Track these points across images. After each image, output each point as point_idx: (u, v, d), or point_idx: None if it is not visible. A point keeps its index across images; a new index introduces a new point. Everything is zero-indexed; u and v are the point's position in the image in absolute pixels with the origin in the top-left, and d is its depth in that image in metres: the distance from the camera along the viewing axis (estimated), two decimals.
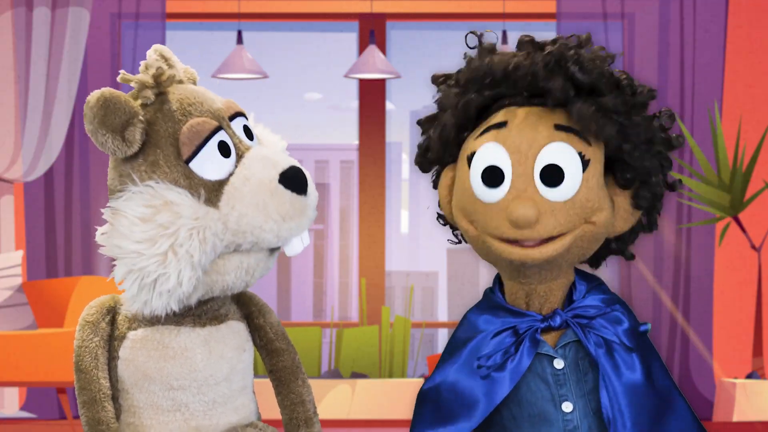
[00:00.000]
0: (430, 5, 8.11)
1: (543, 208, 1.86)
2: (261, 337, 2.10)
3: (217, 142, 1.95)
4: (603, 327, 1.92)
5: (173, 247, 1.88)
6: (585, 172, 1.87)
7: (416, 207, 14.77)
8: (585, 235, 1.89)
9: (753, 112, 7.53)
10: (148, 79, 1.97)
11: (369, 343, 7.33)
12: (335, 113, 14.40)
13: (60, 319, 6.19)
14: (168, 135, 1.94)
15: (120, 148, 1.93)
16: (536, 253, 1.87)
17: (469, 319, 1.99)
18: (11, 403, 7.37)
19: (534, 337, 1.91)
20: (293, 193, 1.93)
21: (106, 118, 1.90)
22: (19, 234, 7.51)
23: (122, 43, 7.55)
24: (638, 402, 1.89)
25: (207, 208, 1.92)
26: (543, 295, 1.94)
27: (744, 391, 6.62)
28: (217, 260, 1.93)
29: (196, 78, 2.09)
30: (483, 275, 14.99)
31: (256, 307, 2.10)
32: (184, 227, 1.89)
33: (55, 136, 7.30)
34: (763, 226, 7.20)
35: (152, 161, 1.94)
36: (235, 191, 1.93)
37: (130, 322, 2.00)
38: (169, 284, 1.89)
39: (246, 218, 1.92)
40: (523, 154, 1.87)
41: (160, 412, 1.99)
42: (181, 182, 1.93)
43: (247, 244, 1.93)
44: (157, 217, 1.89)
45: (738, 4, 7.58)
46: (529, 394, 1.91)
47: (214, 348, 2.00)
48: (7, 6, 7.32)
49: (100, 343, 1.99)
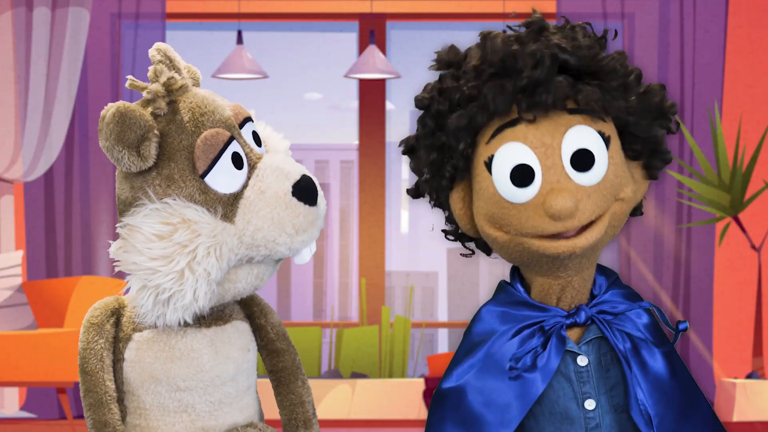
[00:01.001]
0: (430, 5, 8.11)
1: (579, 195, 1.82)
2: (262, 337, 2.09)
3: (231, 153, 1.93)
4: (627, 322, 1.90)
5: (190, 265, 1.87)
6: (609, 150, 1.85)
7: (416, 207, 14.78)
8: (617, 213, 1.87)
9: (753, 112, 7.53)
10: (159, 88, 1.93)
11: (369, 343, 7.33)
12: (335, 113, 14.39)
13: (60, 319, 6.19)
14: (182, 148, 1.92)
15: (135, 164, 1.90)
16: (582, 241, 1.83)
17: (484, 314, 1.94)
18: (11, 403, 7.37)
19: (560, 334, 1.87)
20: (305, 205, 1.93)
21: (123, 134, 1.87)
22: (19, 234, 7.51)
23: (122, 43, 7.55)
24: (665, 397, 1.88)
25: (224, 224, 1.90)
26: (577, 287, 1.90)
27: (744, 391, 6.62)
28: (231, 270, 1.93)
29: (199, 77, 2.07)
30: (483, 275, 14.99)
31: (258, 307, 2.10)
32: (202, 245, 1.87)
33: (55, 136, 7.30)
34: (763, 226, 7.20)
35: (167, 175, 1.92)
36: (251, 205, 1.92)
37: (135, 323, 1.99)
38: (185, 300, 1.88)
39: (261, 232, 1.91)
40: (548, 146, 1.83)
41: (166, 413, 1.98)
42: (196, 197, 1.91)
43: (259, 257, 1.93)
44: (175, 235, 1.87)
45: (738, 4, 7.58)
46: (552, 393, 1.88)
47: (221, 348, 1.99)
48: (7, 6, 7.32)
49: (105, 345, 1.98)
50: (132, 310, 2.01)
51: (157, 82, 1.94)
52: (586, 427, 1.88)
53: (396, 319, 7.43)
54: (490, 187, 1.87)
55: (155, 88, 1.93)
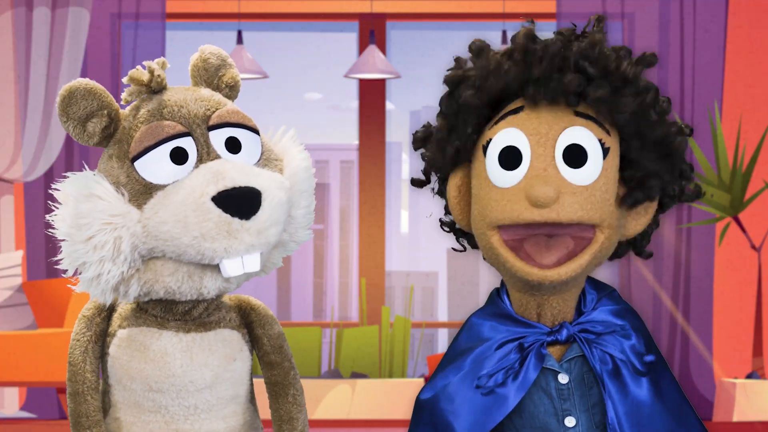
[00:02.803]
0: (430, 5, 8.11)
1: (564, 188, 1.78)
2: (258, 348, 2.08)
3: (172, 147, 1.92)
4: (610, 343, 1.86)
5: (91, 239, 1.90)
6: (605, 160, 1.80)
7: (416, 207, 14.77)
8: (602, 249, 1.82)
9: (753, 112, 7.53)
10: (141, 76, 1.97)
11: (369, 343, 7.33)
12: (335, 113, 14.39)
13: (60, 319, 6.19)
14: (132, 133, 1.95)
15: (80, 138, 1.98)
16: (554, 275, 1.79)
17: (473, 324, 1.92)
18: (11, 403, 7.37)
19: (539, 351, 1.85)
20: (225, 214, 1.87)
21: (68, 107, 1.94)
22: (19, 234, 7.51)
23: (122, 43, 7.55)
24: (644, 422, 1.84)
25: (129, 208, 1.91)
26: (556, 306, 1.87)
27: (744, 391, 6.62)
28: (154, 261, 1.92)
29: (234, 84, 2.07)
30: (483, 275, 14.99)
31: (258, 317, 2.08)
32: (97, 221, 1.90)
33: (55, 136, 7.30)
34: (763, 226, 7.19)
35: (110, 154, 1.97)
36: (165, 197, 1.90)
37: (121, 320, 2.02)
38: (89, 273, 1.92)
39: (165, 226, 1.89)
40: (543, 135, 1.80)
41: (141, 412, 1.99)
42: (121, 179, 1.93)
43: (171, 253, 1.90)
44: (80, 205, 1.92)
45: (738, 4, 7.58)
46: (533, 407, 1.86)
47: (197, 355, 1.98)
48: (7, 6, 7.32)
49: (92, 338, 2.01)
50: (124, 307, 2.03)
51: (144, 72, 1.99)
52: None
53: (396, 319, 7.43)
54: (483, 172, 1.85)
55: (135, 75, 1.97)
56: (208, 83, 2.05)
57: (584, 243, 1.82)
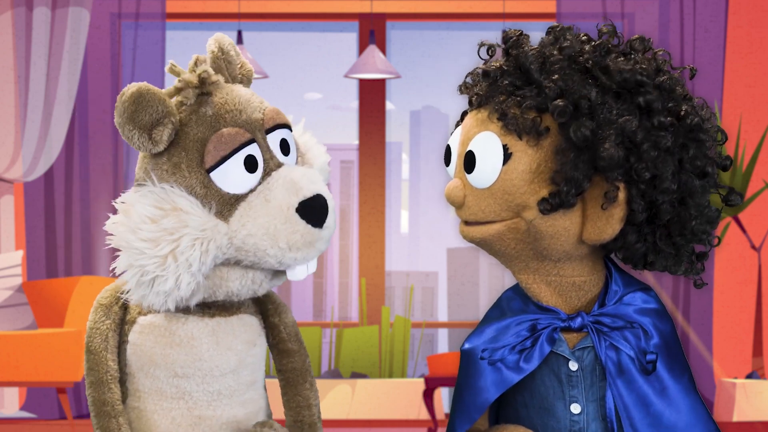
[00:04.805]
0: (430, 5, 8.11)
1: (468, 191, 1.92)
2: (274, 336, 2.10)
3: (245, 156, 1.92)
4: (623, 338, 1.90)
5: (174, 253, 1.87)
6: (505, 165, 1.87)
7: (416, 207, 14.77)
8: (518, 228, 1.89)
9: (753, 112, 7.53)
10: (192, 79, 1.94)
11: (369, 343, 7.33)
12: (335, 113, 14.37)
13: (60, 319, 6.19)
14: (197, 140, 1.92)
15: (145, 145, 1.92)
16: (467, 231, 1.94)
17: (506, 296, 2.00)
18: (11, 403, 7.37)
19: (551, 335, 1.90)
20: (308, 225, 1.91)
21: (136, 114, 1.89)
22: (19, 234, 7.51)
23: (122, 43, 7.55)
24: (652, 422, 1.88)
25: (216, 221, 1.90)
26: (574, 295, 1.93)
27: (744, 391, 6.62)
28: (221, 267, 1.93)
29: (251, 75, 2.07)
30: (483, 275, 14.98)
31: (273, 304, 2.10)
32: (187, 236, 1.88)
33: (55, 136, 7.30)
34: (763, 226, 7.20)
35: (175, 163, 1.93)
36: (251, 210, 1.91)
37: (141, 307, 2.01)
38: (166, 286, 1.89)
39: (253, 239, 1.90)
40: (465, 138, 1.93)
41: (164, 399, 1.99)
42: (197, 190, 1.91)
43: (247, 262, 1.92)
44: (164, 221, 1.88)
45: (738, 4, 7.58)
46: (543, 388, 1.92)
47: (222, 339, 1.99)
48: (7, 6, 7.33)
49: (111, 326, 2.00)
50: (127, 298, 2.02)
51: (194, 71, 1.96)
52: (570, 429, 1.91)
53: (396, 319, 7.43)
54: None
55: (187, 78, 1.94)
56: (231, 76, 2.04)
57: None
